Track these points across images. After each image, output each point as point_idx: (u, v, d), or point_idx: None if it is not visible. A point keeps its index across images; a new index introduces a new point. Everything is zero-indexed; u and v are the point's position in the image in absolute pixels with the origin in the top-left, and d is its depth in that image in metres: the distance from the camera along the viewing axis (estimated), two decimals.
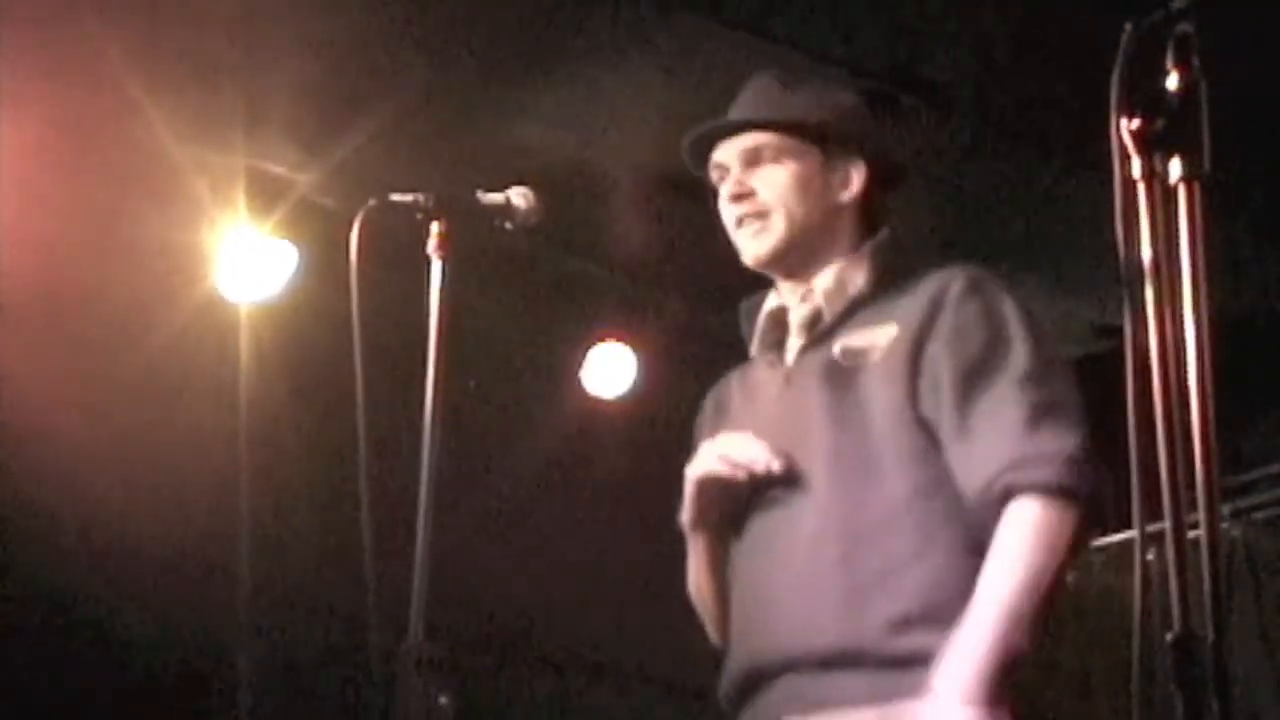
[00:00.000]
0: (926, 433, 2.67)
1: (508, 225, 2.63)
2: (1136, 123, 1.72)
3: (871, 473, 2.67)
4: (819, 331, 2.84)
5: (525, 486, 5.70)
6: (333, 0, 4.34)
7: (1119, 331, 1.73)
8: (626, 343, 5.91)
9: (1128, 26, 1.73)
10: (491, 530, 5.25)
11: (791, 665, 2.67)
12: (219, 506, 5.17)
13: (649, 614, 4.97)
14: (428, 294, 2.50)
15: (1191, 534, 1.64)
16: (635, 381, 5.92)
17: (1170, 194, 1.72)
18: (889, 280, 2.84)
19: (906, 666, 2.57)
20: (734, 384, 3.03)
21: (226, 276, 5.09)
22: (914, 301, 2.76)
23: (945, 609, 2.58)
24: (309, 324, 4.87)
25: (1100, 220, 1.86)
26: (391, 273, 2.52)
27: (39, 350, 4.67)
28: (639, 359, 5.91)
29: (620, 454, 5.79)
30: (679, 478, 2.99)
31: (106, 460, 4.78)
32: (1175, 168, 1.72)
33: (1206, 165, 1.71)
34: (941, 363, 2.67)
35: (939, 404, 2.66)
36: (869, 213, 2.91)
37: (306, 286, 5.06)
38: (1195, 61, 1.72)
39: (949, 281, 2.75)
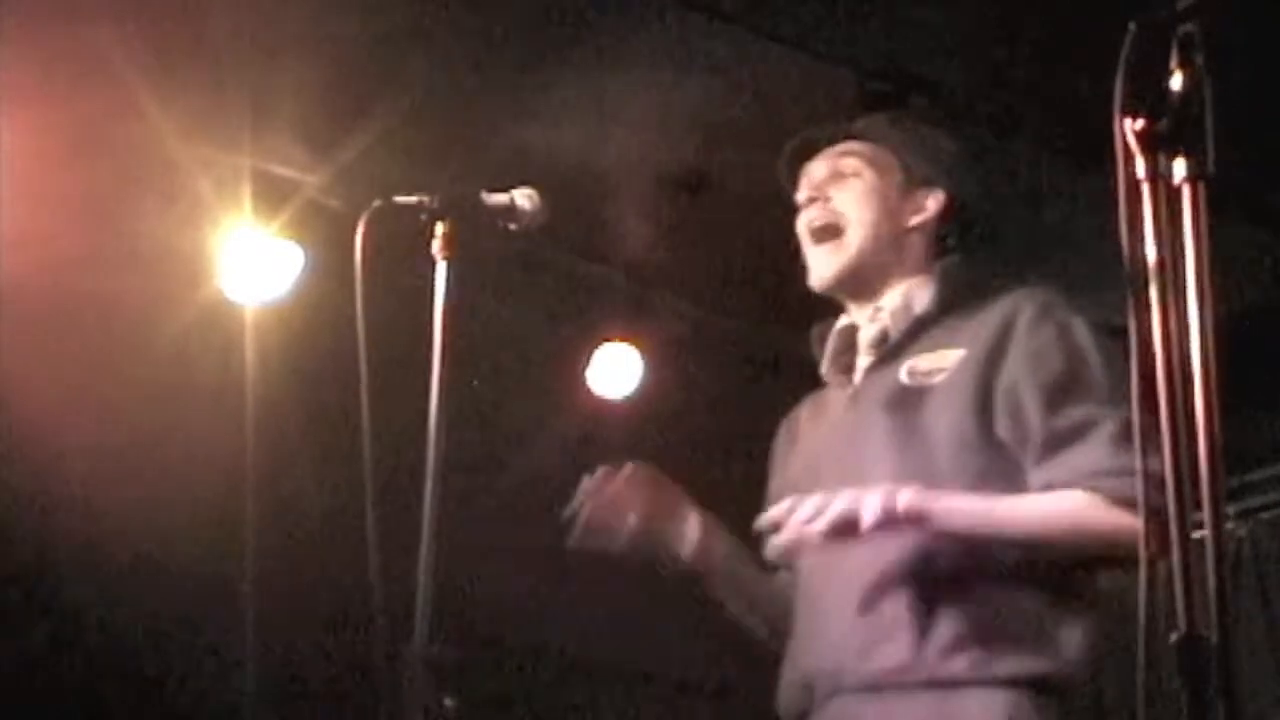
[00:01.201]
0: (992, 453, 2.69)
1: (513, 226, 2.63)
2: (1141, 123, 1.72)
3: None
4: (885, 351, 2.87)
5: (531, 487, 5.70)
6: (338, 1, 4.34)
7: (1123, 332, 1.73)
8: (632, 343, 5.91)
9: (1132, 26, 1.73)
10: (497, 532, 5.25)
11: (847, 685, 2.68)
12: (224, 507, 5.17)
13: (655, 615, 4.98)
14: (433, 295, 2.50)
15: (1196, 534, 1.64)
16: (641, 382, 5.91)
17: (1174, 194, 1.72)
18: (956, 302, 2.87)
19: (961, 688, 2.58)
20: (806, 409, 3.07)
21: (232, 278, 5.09)
22: (982, 324, 2.78)
23: (1002, 631, 2.60)
24: (314, 325, 4.87)
25: (1104, 221, 1.86)
26: (397, 274, 2.52)
27: (43, 352, 4.67)
28: (645, 359, 5.91)
29: (626, 455, 5.77)
30: (684, 478, 3.00)
31: (111, 462, 4.78)
32: (1179, 168, 1.72)
33: (1211, 165, 1.71)
34: (1021, 385, 2.70)
35: (1020, 424, 2.68)
36: (938, 240, 2.94)
37: (312, 288, 5.06)
38: (1200, 61, 1.72)
39: (1019, 305, 2.78)
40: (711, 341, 5.87)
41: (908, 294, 2.90)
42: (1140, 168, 1.73)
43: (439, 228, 2.55)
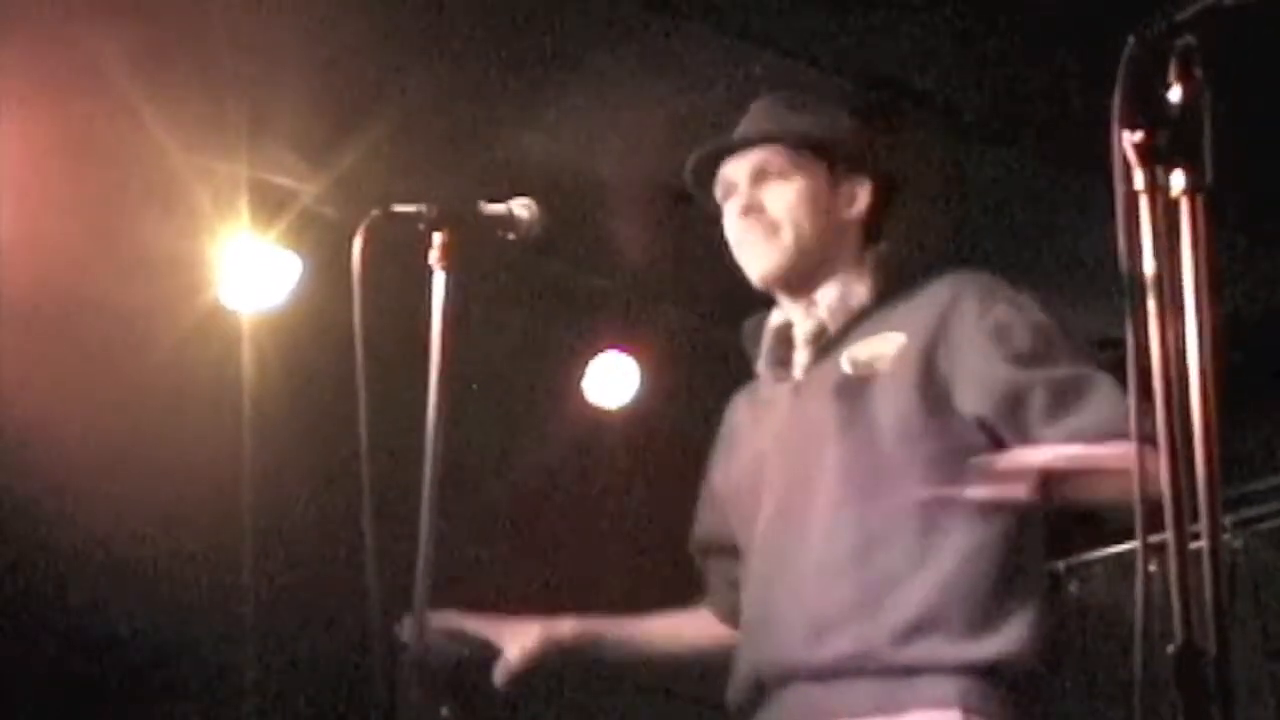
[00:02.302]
0: (945, 440, 2.67)
1: (510, 236, 2.63)
2: (1139, 135, 1.72)
3: (880, 481, 2.68)
4: (824, 344, 2.85)
5: (527, 496, 5.70)
6: (336, 11, 4.34)
7: (1120, 343, 1.74)
8: (629, 353, 5.91)
9: (1131, 39, 1.74)
10: (494, 540, 5.25)
11: (798, 674, 2.68)
12: (222, 516, 5.17)
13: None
14: (430, 305, 2.50)
15: (1194, 545, 1.64)
16: (637, 392, 5.92)
17: (1173, 206, 1.72)
18: (891, 291, 2.86)
19: (913, 675, 2.58)
20: (742, 403, 3.06)
21: (229, 286, 5.09)
22: (920, 309, 2.78)
23: (952, 617, 2.59)
24: (312, 334, 4.87)
25: (1101, 232, 1.86)
26: (394, 283, 2.52)
27: (41, 360, 4.67)
28: (641, 369, 5.91)
29: (622, 464, 5.79)
30: (681, 487, 3.00)
31: (109, 470, 4.78)
32: (1178, 180, 1.72)
33: (1209, 178, 1.72)
34: (991, 359, 2.67)
35: (1007, 392, 2.65)
36: (871, 227, 2.93)
37: (309, 297, 5.06)
38: (1198, 74, 1.72)
39: (959, 288, 2.77)
40: (708, 351, 5.86)
41: (843, 287, 2.87)
42: (1139, 180, 1.73)
43: (436, 237, 2.55)
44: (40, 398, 4.67)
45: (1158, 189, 1.72)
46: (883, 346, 2.77)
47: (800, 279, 2.89)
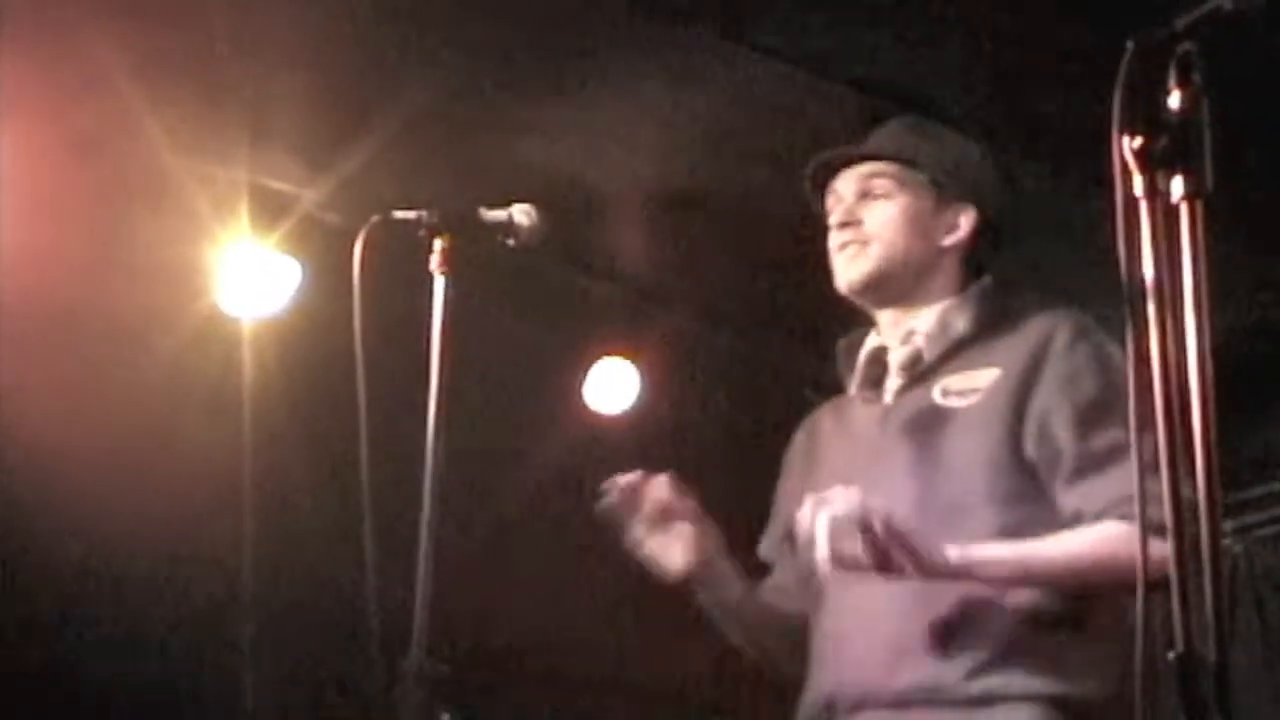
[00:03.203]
0: (1022, 475, 2.69)
1: (511, 242, 2.64)
2: (1138, 141, 1.72)
3: (958, 513, 2.69)
4: (919, 372, 2.86)
5: (527, 502, 5.70)
6: (337, 16, 4.34)
7: (1120, 349, 1.74)
8: (629, 358, 5.91)
9: (1130, 45, 1.74)
10: (494, 546, 5.25)
11: (869, 702, 2.68)
12: (221, 521, 5.16)
13: (651, 630, 4.97)
14: (430, 310, 2.50)
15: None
16: (638, 397, 5.91)
17: (1172, 212, 1.72)
18: (991, 324, 2.87)
19: (984, 706, 2.59)
20: (828, 419, 3.06)
21: (229, 292, 5.08)
22: (1017, 346, 2.79)
23: (1027, 651, 2.60)
24: (312, 340, 4.87)
25: (1101, 237, 1.87)
26: (395, 289, 2.52)
27: (41, 366, 4.66)
28: (641, 375, 5.91)
29: (622, 470, 5.77)
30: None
31: (109, 476, 4.77)
32: (1177, 186, 1.72)
33: (1208, 183, 1.72)
34: (1054, 405, 2.70)
35: (1050, 444, 2.68)
36: (974, 258, 2.94)
37: (310, 302, 5.06)
38: (1197, 80, 1.72)
39: (1054, 327, 2.78)
40: (709, 356, 5.87)
41: (943, 316, 2.89)
42: (1138, 185, 1.73)
43: (437, 243, 2.55)
44: (40, 404, 4.66)
45: (1157, 195, 1.72)
46: (977, 380, 2.79)
47: (890, 295, 2.92)
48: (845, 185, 2.96)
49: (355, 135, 4.73)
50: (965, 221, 2.94)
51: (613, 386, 5.91)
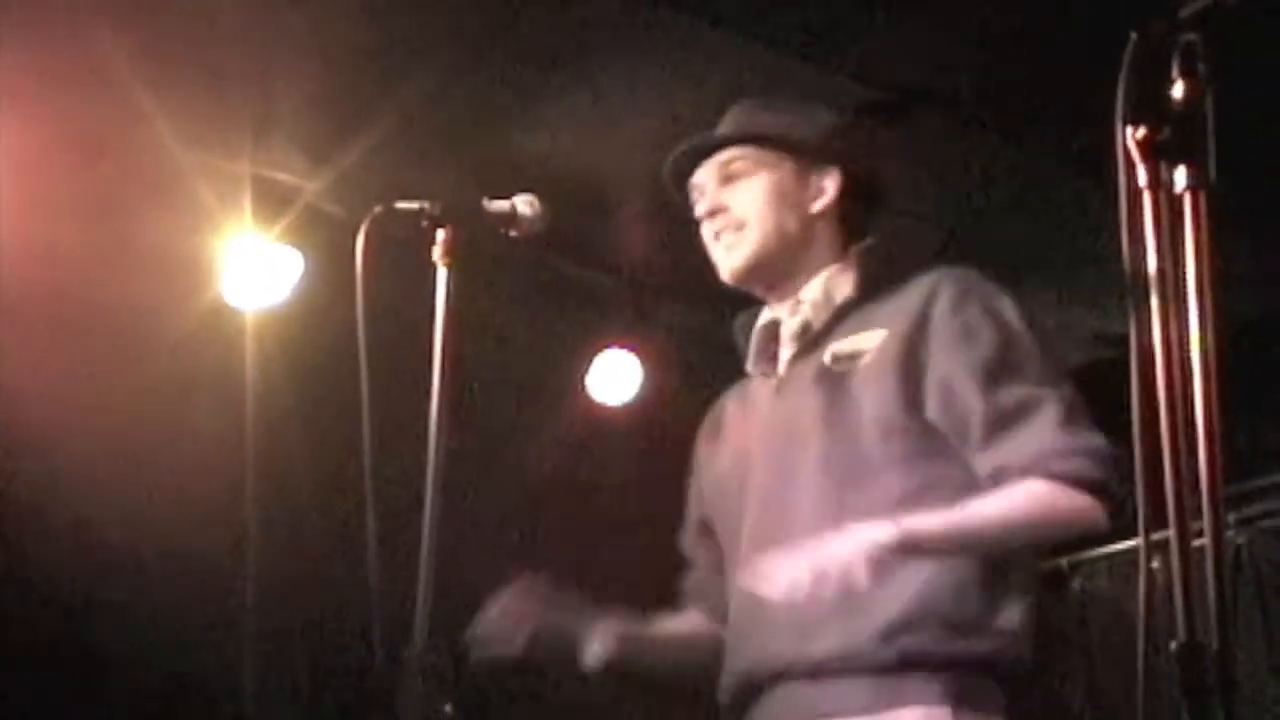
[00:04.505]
0: (923, 435, 2.68)
1: (513, 233, 2.63)
2: (1142, 131, 1.72)
3: (862, 476, 2.68)
4: (808, 340, 2.85)
5: (531, 493, 5.70)
6: (339, 8, 4.34)
7: (1123, 340, 1.74)
8: (632, 350, 5.91)
9: (1133, 35, 1.73)
10: (497, 537, 5.25)
11: (785, 674, 2.67)
12: (225, 513, 5.17)
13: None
14: (433, 301, 2.50)
15: (1196, 542, 1.64)
16: (641, 389, 5.92)
17: (1176, 203, 1.72)
18: (876, 286, 2.85)
19: (900, 672, 2.57)
20: (731, 400, 3.06)
21: (232, 283, 5.09)
22: (902, 305, 2.77)
23: (940, 613, 2.59)
24: (314, 331, 4.87)
25: (1104, 228, 1.86)
26: (397, 280, 2.52)
27: (45, 357, 4.67)
28: (644, 366, 5.91)
29: (625, 461, 5.78)
30: (684, 484, 3.00)
31: (112, 467, 4.78)
32: (1181, 176, 1.72)
33: (1212, 174, 1.72)
34: (953, 366, 2.68)
35: (955, 406, 2.67)
36: (850, 222, 2.92)
37: (312, 294, 5.06)
38: (1201, 70, 1.72)
39: (939, 284, 2.76)
40: (712, 348, 5.85)
41: (828, 283, 2.87)
42: (1141, 176, 1.73)
43: (440, 234, 2.54)
44: (44, 395, 4.67)
45: (1160, 185, 1.72)
46: (865, 341, 2.77)
47: (774, 276, 2.90)
48: (704, 176, 2.95)
49: (357, 127, 4.73)
50: (830, 185, 2.91)
51: (615, 378, 5.92)
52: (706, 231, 2.93)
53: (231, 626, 5.25)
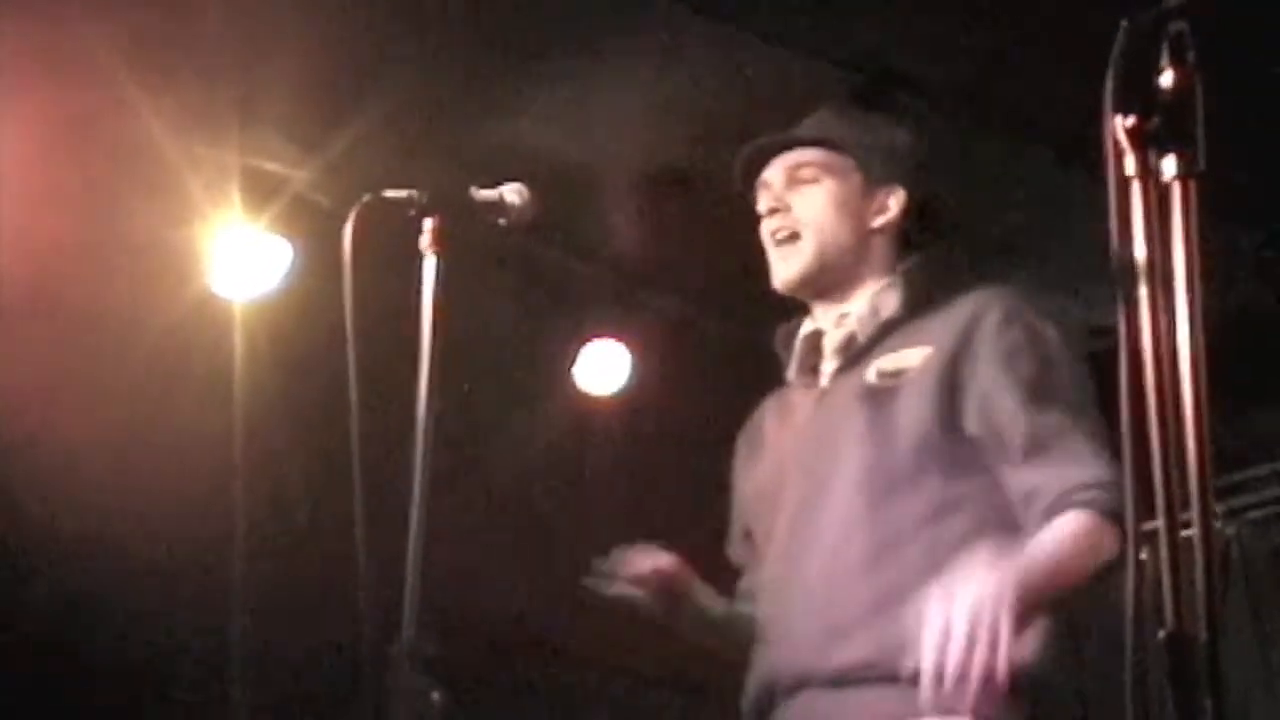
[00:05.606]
0: (962, 448, 2.69)
1: (502, 222, 2.63)
2: (1131, 120, 1.72)
3: (897, 489, 2.71)
4: (853, 354, 2.87)
5: (518, 483, 5.70)
6: None
7: (1111, 331, 1.73)
8: (620, 340, 5.90)
9: (1123, 24, 1.73)
10: (485, 527, 5.25)
11: (812, 680, 2.69)
12: (212, 503, 5.16)
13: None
14: (421, 290, 2.49)
15: (1185, 533, 1.64)
16: (629, 379, 5.91)
17: (1165, 192, 1.72)
18: (922, 303, 2.88)
19: (919, 683, 2.58)
20: (770, 409, 3.08)
21: (220, 273, 5.08)
22: (948, 323, 2.79)
23: None
24: (303, 320, 4.86)
25: (1093, 218, 1.86)
26: (385, 269, 2.52)
27: (30, 347, 4.66)
28: (632, 356, 5.90)
29: (613, 451, 5.78)
30: (672, 475, 3.01)
31: (99, 458, 4.77)
32: (1170, 166, 1.72)
33: (1201, 163, 1.71)
34: (995, 383, 2.70)
35: (994, 422, 2.69)
36: (904, 238, 2.94)
37: (300, 283, 5.05)
38: (1191, 59, 1.72)
39: (985, 304, 2.79)
40: (700, 338, 5.86)
41: (874, 298, 2.91)
42: (1130, 165, 1.73)
43: (427, 223, 2.54)
44: (30, 386, 4.66)
45: (1149, 174, 1.72)
46: (909, 358, 2.80)
47: (825, 286, 2.93)
48: (773, 174, 2.98)
49: (345, 116, 4.72)
50: (894, 203, 2.95)
51: (603, 368, 5.91)
52: (765, 230, 2.96)
53: (219, 614, 5.25)
